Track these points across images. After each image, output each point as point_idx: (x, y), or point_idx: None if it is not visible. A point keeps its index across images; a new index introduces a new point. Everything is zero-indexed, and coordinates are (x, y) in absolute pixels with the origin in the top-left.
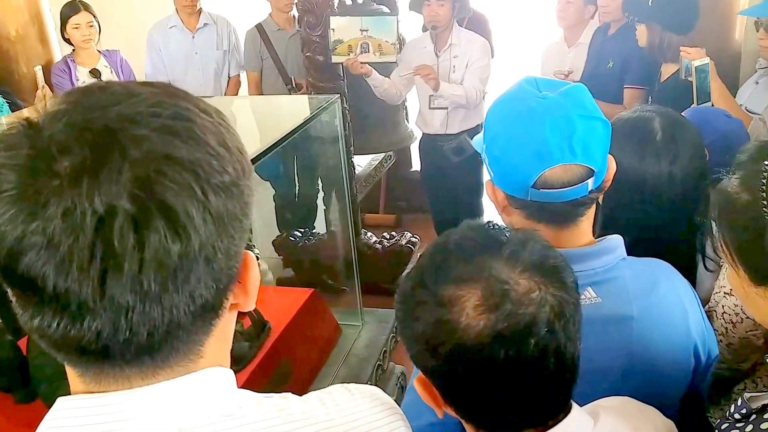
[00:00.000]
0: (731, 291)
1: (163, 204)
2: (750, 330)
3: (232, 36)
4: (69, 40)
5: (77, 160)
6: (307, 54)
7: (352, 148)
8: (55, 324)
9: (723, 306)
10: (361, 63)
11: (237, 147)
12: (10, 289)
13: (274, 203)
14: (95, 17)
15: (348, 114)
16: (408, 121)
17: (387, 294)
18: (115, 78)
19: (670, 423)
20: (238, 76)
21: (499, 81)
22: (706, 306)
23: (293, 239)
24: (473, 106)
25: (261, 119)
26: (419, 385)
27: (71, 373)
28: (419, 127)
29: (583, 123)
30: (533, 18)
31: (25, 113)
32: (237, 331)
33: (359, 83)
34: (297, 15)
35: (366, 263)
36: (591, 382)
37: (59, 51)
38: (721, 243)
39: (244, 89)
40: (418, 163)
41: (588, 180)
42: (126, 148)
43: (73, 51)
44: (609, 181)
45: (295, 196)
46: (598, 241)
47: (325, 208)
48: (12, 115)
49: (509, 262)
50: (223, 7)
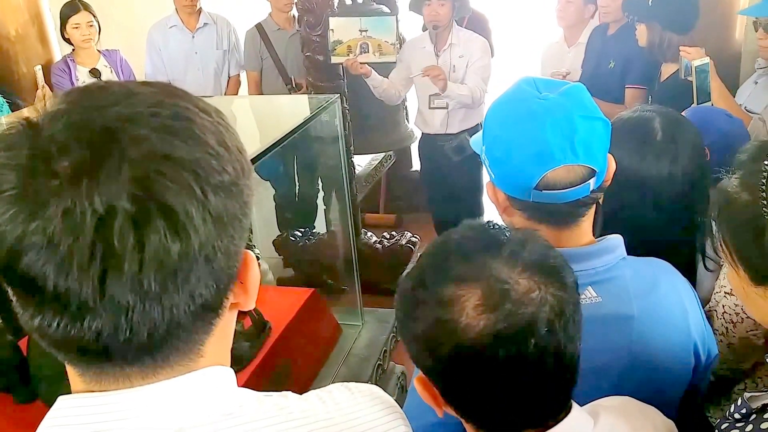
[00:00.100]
0: (731, 291)
1: (163, 204)
2: (750, 330)
3: (231, 36)
4: (69, 39)
5: (77, 159)
6: (307, 54)
7: (352, 148)
8: (56, 324)
9: (723, 306)
10: (361, 63)
11: (236, 146)
12: (10, 289)
13: (274, 203)
14: (95, 17)
15: (348, 114)
16: (408, 121)
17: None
18: (115, 78)
19: (670, 423)
20: (237, 75)
21: (499, 81)
22: (706, 306)
23: (293, 239)
24: (477, 105)
25: (261, 119)
26: (419, 385)
27: (72, 373)
28: (419, 127)
29: (584, 123)
30: (533, 18)
31: (25, 113)
32: (237, 331)
33: (359, 83)
34: (297, 15)
35: (366, 263)
36: (591, 381)
37: (59, 51)
38: (721, 243)
39: (243, 89)
40: (418, 163)
41: (590, 180)
42: (125, 147)
43: (73, 51)
44: (609, 181)
45: (295, 195)
46: (598, 241)
47: (325, 207)
48: (12, 115)
49: (509, 261)
50: (223, 7)
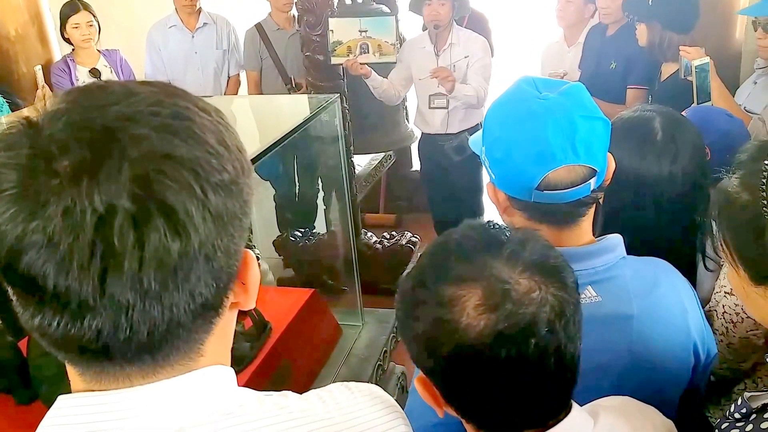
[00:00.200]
0: (731, 290)
1: (163, 203)
2: (750, 330)
3: (231, 35)
4: (69, 39)
5: (77, 159)
6: (307, 53)
7: (352, 147)
8: (56, 323)
9: (723, 306)
10: (361, 64)
11: (236, 145)
12: (10, 288)
13: (274, 203)
14: (95, 17)
15: (348, 113)
16: (408, 121)
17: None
18: (115, 77)
19: (669, 423)
20: (237, 75)
21: (499, 81)
22: (706, 306)
23: (293, 239)
24: (481, 105)
25: (261, 119)
26: (420, 385)
27: (72, 372)
28: (419, 127)
29: (585, 123)
30: (533, 18)
31: (25, 112)
32: (238, 332)
33: (359, 83)
34: (296, 14)
35: (366, 263)
36: (591, 380)
37: (59, 50)
38: (721, 242)
39: (243, 89)
40: (418, 163)
41: (590, 180)
42: (125, 147)
43: (73, 50)
44: (609, 180)
45: (295, 195)
46: (598, 241)
47: (325, 207)
48: (12, 115)
49: (510, 261)
50: (223, 7)
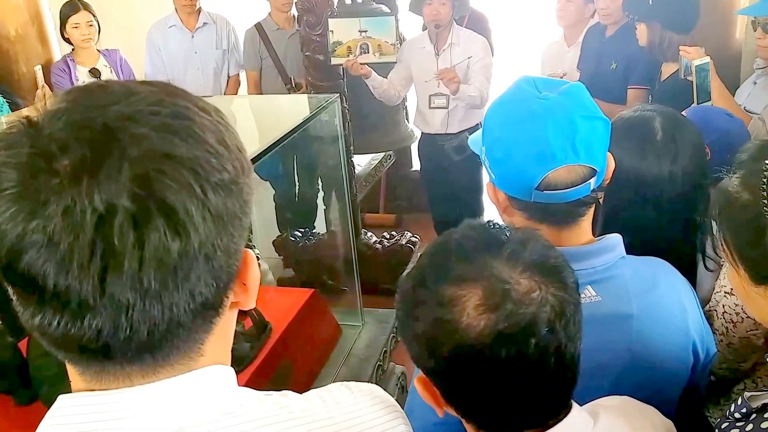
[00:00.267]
0: (731, 290)
1: (163, 202)
2: (750, 330)
3: (231, 35)
4: (68, 39)
5: (77, 158)
6: (307, 53)
7: (351, 147)
8: (56, 322)
9: (723, 305)
10: (361, 64)
11: (236, 145)
12: (10, 288)
13: (274, 203)
14: (95, 16)
15: (348, 113)
16: (408, 121)
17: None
18: (115, 77)
19: (669, 423)
20: (237, 75)
21: (499, 81)
22: (706, 306)
23: (293, 239)
24: (484, 105)
25: (260, 119)
26: (420, 385)
27: (72, 372)
28: (418, 127)
29: (585, 123)
30: (533, 17)
31: (25, 112)
32: (238, 332)
33: (359, 82)
34: (296, 14)
35: (366, 263)
36: (591, 380)
37: (59, 50)
38: (722, 242)
39: (243, 89)
40: (418, 163)
41: (590, 180)
42: (125, 146)
43: (73, 50)
44: (609, 179)
45: (295, 195)
46: (597, 240)
47: (325, 207)
48: (12, 115)
49: (510, 261)
50: (223, 7)
